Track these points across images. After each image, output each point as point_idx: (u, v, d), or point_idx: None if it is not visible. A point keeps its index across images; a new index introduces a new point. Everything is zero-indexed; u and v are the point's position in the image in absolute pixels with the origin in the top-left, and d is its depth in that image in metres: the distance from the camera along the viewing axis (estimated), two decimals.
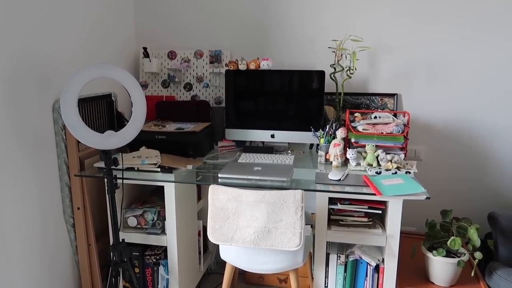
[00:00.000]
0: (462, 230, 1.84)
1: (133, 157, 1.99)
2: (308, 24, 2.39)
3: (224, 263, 1.91)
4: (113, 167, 1.73)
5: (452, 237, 1.77)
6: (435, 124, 2.34)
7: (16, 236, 1.68)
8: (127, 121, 1.69)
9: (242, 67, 2.28)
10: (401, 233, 2.29)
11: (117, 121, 2.31)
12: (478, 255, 1.77)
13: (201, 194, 2.45)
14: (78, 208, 1.98)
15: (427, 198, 1.61)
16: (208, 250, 2.59)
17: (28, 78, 1.72)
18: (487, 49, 2.20)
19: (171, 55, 2.56)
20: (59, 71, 1.92)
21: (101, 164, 1.94)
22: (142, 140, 2.14)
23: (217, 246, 2.63)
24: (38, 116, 1.79)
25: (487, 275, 1.88)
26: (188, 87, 2.57)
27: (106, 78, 1.64)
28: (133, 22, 2.61)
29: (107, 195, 1.81)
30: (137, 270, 2.06)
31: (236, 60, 2.32)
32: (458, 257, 1.80)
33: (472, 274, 1.90)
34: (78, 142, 1.93)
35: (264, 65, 2.25)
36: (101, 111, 2.19)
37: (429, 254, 1.82)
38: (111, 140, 1.65)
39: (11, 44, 1.63)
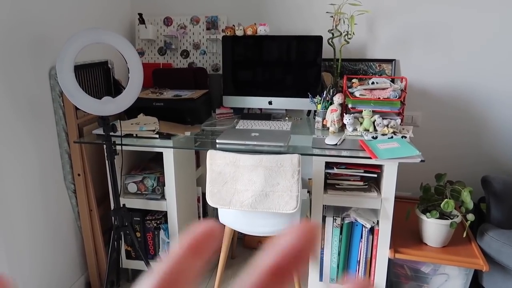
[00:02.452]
0: (456, 193, 1.88)
1: (131, 124, 2.00)
2: None
3: (223, 228, 1.96)
4: (112, 133, 1.75)
5: (446, 200, 1.81)
6: (432, 89, 2.34)
7: (18, 204, 1.72)
8: (125, 89, 1.69)
9: (239, 32, 2.25)
10: (396, 197, 2.34)
11: (114, 89, 2.30)
12: (470, 217, 1.82)
13: (199, 162, 2.48)
14: (79, 175, 2.00)
15: (422, 161, 1.64)
16: (208, 215, 2.64)
17: (22, 44, 1.71)
18: (486, 14, 2.17)
19: (167, 21, 2.53)
20: (54, 37, 1.90)
21: (100, 131, 1.96)
22: (140, 108, 2.15)
23: (216, 210, 2.68)
24: (35, 83, 1.79)
25: (478, 236, 1.94)
26: (185, 54, 2.55)
27: (102, 44, 1.62)
28: None
29: (106, 161, 1.83)
30: (138, 234, 2.12)
31: (233, 25, 2.29)
32: (451, 219, 1.84)
33: (464, 235, 1.95)
34: (76, 109, 1.94)
35: (261, 30, 2.23)
36: (98, 78, 2.18)
37: (423, 216, 1.87)
38: (109, 106, 1.66)
39: (3, 11, 1.60)
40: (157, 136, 1.94)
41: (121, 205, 1.87)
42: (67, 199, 2.04)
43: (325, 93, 2.09)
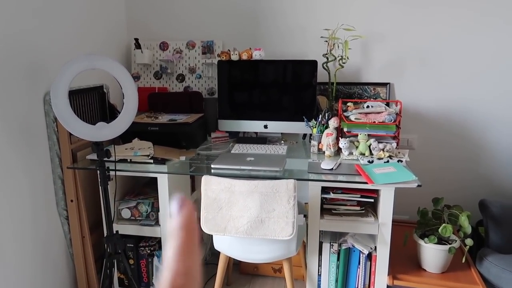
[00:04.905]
0: (454, 218, 1.86)
1: (126, 149, 1.98)
2: (300, 13, 2.38)
3: (219, 253, 1.92)
4: (106, 159, 1.73)
5: (444, 224, 1.78)
6: (427, 113, 2.35)
7: (7, 231, 1.68)
8: (120, 113, 1.68)
9: (235, 57, 2.27)
10: (393, 221, 2.31)
11: (110, 113, 2.30)
12: (469, 241, 1.80)
13: (195, 186, 2.45)
14: (72, 201, 1.97)
15: (419, 185, 1.62)
16: (203, 241, 2.60)
17: (17, 70, 1.71)
18: (479, 39, 2.21)
19: (163, 46, 2.55)
20: (49, 62, 1.90)
21: (94, 156, 1.94)
22: (134, 132, 2.14)
23: (212, 236, 2.64)
24: (29, 108, 1.78)
25: (478, 262, 1.91)
26: (181, 78, 2.56)
27: (97, 70, 1.62)
28: (124, 13, 2.59)
29: (100, 187, 1.80)
30: (131, 261, 2.07)
31: (229, 50, 2.31)
32: (450, 244, 1.82)
33: (463, 260, 1.92)
34: (70, 134, 1.92)
35: (257, 55, 2.25)
36: (93, 103, 2.18)
37: (421, 242, 1.84)
38: (103, 131, 1.65)
39: None
40: (151, 161, 1.92)
41: (114, 232, 1.84)
42: (59, 226, 2.00)
43: (320, 116, 2.09)
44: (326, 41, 2.31)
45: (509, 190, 2.34)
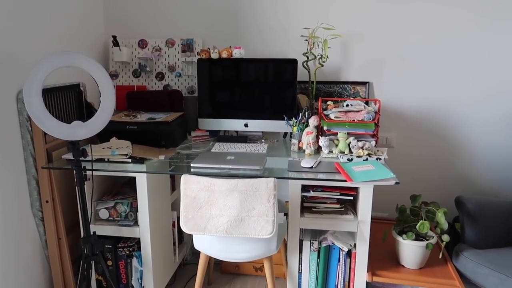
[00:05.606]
0: (431, 214, 1.89)
1: (103, 148, 1.95)
2: (281, 12, 2.38)
3: (200, 253, 1.90)
4: (82, 158, 1.69)
5: (421, 221, 1.81)
6: (406, 112, 2.39)
7: None
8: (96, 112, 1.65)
9: (214, 55, 2.25)
10: (373, 218, 2.34)
11: (87, 112, 2.25)
12: (445, 237, 1.83)
13: (175, 185, 2.43)
14: (47, 201, 1.92)
15: (396, 183, 1.64)
16: (184, 241, 2.57)
17: None
18: (458, 39, 2.25)
19: (142, 43, 2.51)
20: (22, 59, 1.85)
21: (70, 156, 1.89)
22: (112, 131, 2.10)
23: (192, 236, 2.62)
24: (1, 107, 1.73)
25: (454, 257, 1.95)
26: (160, 76, 2.52)
27: (73, 67, 1.58)
28: (101, 9, 2.53)
29: (76, 187, 1.76)
30: (110, 262, 2.03)
31: (208, 48, 2.29)
32: (427, 240, 1.85)
33: (440, 256, 1.96)
34: (45, 133, 1.87)
35: (237, 53, 2.24)
36: (70, 101, 2.13)
37: (399, 238, 1.87)
38: (79, 130, 1.61)
39: None
40: (129, 160, 1.89)
41: (92, 233, 1.80)
42: (34, 228, 1.95)
43: (300, 115, 2.10)
44: (306, 40, 2.32)
45: (484, 187, 2.40)
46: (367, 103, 2.21)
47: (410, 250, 1.85)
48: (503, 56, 2.22)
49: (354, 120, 2.01)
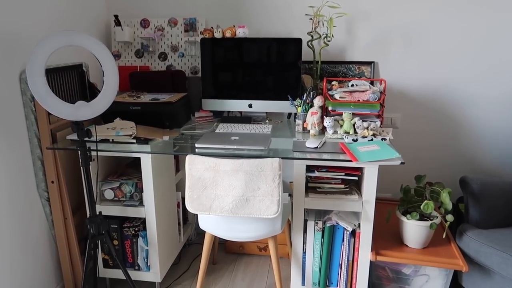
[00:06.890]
0: (435, 194, 1.89)
1: (107, 129, 1.94)
2: None
3: (204, 233, 1.92)
4: (87, 139, 1.69)
5: (425, 201, 1.82)
6: (411, 91, 2.36)
7: None
8: (100, 92, 1.64)
9: (218, 35, 2.22)
10: (377, 199, 2.35)
11: (90, 92, 2.23)
12: (449, 217, 1.84)
13: (179, 166, 2.43)
14: (52, 182, 1.93)
15: (402, 163, 1.64)
16: (188, 221, 2.60)
17: None
18: (463, 17, 2.21)
19: (144, 23, 2.47)
20: (24, 38, 1.83)
21: (74, 136, 1.89)
22: (116, 112, 2.09)
23: (197, 216, 2.64)
24: (4, 87, 1.71)
25: (457, 237, 1.96)
26: (163, 57, 2.50)
27: (75, 47, 1.56)
28: None
29: (81, 168, 1.77)
30: (116, 242, 2.06)
31: (212, 28, 2.26)
32: (431, 220, 1.86)
33: (444, 236, 1.97)
34: (49, 114, 1.87)
35: (240, 32, 2.20)
36: (72, 82, 2.11)
37: (403, 218, 1.87)
38: (83, 110, 1.60)
39: None
40: (134, 141, 1.88)
41: (97, 213, 1.81)
42: (40, 208, 1.96)
43: (305, 95, 2.08)
44: (311, 19, 2.28)
45: (488, 167, 2.39)
46: (372, 83, 2.19)
47: (414, 230, 1.86)
48: (509, 33, 2.18)
49: (359, 100, 1.99)
